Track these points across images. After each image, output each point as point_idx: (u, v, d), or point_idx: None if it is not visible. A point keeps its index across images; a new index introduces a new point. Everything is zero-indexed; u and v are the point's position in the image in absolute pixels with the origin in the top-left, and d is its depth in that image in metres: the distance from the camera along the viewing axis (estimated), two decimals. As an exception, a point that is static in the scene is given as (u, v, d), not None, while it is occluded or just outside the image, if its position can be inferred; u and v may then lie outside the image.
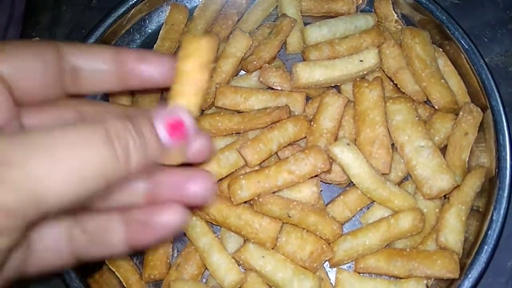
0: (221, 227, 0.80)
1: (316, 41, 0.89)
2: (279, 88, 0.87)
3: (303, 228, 0.76)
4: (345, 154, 0.76)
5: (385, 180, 0.77)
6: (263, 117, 0.81)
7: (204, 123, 0.82)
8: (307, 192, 0.79)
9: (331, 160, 0.77)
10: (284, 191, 0.78)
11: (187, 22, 0.97)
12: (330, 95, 0.82)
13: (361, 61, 0.82)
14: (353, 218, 0.82)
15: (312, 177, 0.78)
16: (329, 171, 0.78)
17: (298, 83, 0.83)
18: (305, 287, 0.72)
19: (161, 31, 0.96)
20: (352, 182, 0.78)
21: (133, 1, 0.93)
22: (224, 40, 0.93)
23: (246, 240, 0.77)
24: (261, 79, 0.87)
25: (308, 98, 0.87)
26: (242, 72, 0.93)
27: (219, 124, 0.82)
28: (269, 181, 0.76)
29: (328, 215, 0.77)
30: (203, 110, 0.89)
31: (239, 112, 0.85)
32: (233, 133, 0.84)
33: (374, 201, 0.79)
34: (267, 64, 0.88)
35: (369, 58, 0.82)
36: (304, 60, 0.89)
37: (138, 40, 0.98)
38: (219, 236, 0.81)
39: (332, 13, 0.94)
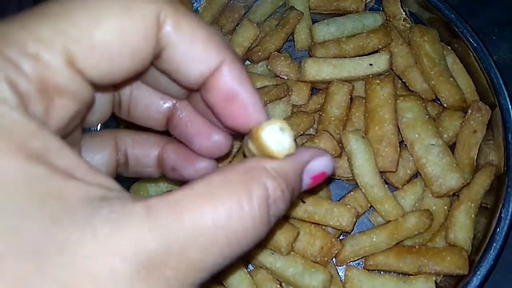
0: None
1: (324, 39, 0.90)
2: (285, 77, 0.88)
3: (311, 223, 0.77)
4: (358, 143, 0.77)
5: (384, 184, 0.78)
6: (262, 96, 0.82)
7: None
8: None
9: (340, 145, 0.79)
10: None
11: None
12: (335, 84, 0.84)
13: (370, 64, 0.83)
14: (361, 221, 0.83)
15: None
16: (339, 156, 0.80)
17: (304, 78, 0.85)
18: (317, 280, 0.73)
19: None
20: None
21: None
22: (229, 33, 0.94)
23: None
24: (269, 67, 0.88)
25: (313, 89, 0.89)
26: (247, 62, 0.94)
27: None
28: None
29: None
30: None
31: None
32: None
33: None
34: (276, 52, 0.89)
35: (379, 63, 0.83)
36: (310, 57, 0.89)
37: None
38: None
39: (341, 11, 0.95)
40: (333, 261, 0.79)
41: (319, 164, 0.44)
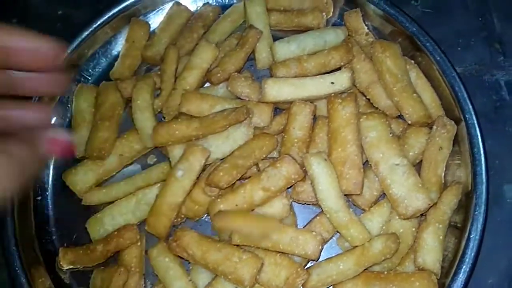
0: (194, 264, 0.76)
1: (285, 57, 0.87)
2: (246, 99, 0.85)
3: (277, 252, 0.74)
4: (320, 167, 0.74)
5: (349, 208, 0.75)
6: (221, 120, 0.80)
7: (161, 132, 0.80)
8: (278, 205, 0.78)
9: (304, 169, 0.76)
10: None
11: (149, 37, 0.94)
12: (297, 105, 0.81)
13: (332, 83, 0.80)
14: (329, 246, 0.80)
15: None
16: (303, 180, 0.77)
17: (265, 99, 0.82)
18: None
19: (122, 49, 0.94)
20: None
21: (97, 24, 0.91)
22: (188, 54, 0.91)
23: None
24: (229, 88, 0.85)
25: (277, 108, 0.86)
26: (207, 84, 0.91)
27: (177, 132, 0.80)
28: (246, 201, 0.75)
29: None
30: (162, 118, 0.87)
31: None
32: (192, 140, 0.81)
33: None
34: (236, 73, 0.86)
35: (341, 81, 0.80)
36: (271, 76, 0.86)
37: (104, 63, 0.95)
38: (190, 268, 0.78)
39: (302, 28, 0.92)
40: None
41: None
